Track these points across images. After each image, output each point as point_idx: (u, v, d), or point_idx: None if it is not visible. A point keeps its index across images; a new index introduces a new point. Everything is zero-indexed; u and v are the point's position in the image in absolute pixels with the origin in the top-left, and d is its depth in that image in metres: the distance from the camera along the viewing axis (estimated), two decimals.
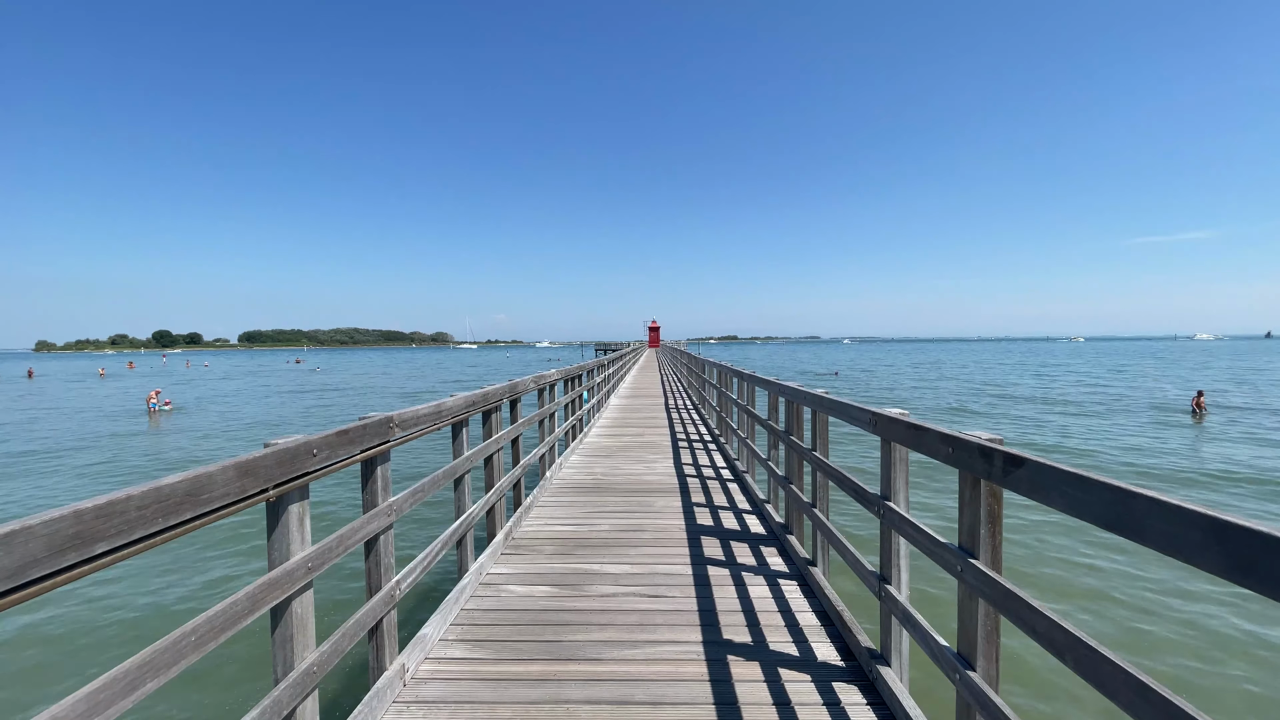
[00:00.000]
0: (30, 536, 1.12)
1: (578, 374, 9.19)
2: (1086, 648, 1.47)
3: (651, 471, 7.41)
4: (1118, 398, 25.53)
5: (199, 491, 1.57)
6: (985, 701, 1.94)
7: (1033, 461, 1.69)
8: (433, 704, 2.64)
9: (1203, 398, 21.04)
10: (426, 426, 3.22)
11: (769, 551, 4.58)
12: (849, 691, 2.72)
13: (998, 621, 2.05)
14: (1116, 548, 7.29)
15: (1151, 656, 5.03)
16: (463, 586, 3.74)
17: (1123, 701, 1.35)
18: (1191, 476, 11.43)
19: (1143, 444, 14.76)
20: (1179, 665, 4.91)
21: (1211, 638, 5.31)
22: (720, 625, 3.37)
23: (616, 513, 5.64)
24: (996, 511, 2.06)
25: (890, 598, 2.74)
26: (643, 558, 4.45)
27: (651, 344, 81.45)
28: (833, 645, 3.15)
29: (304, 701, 2.03)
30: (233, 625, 1.68)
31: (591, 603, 3.68)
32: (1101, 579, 6.57)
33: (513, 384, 5.08)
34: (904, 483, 2.82)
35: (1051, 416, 20.32)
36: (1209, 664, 4.93)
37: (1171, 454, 13.56)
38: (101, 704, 1.25)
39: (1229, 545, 1.10)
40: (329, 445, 2.24)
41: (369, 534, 2.57)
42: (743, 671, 2.89)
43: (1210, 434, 16.26)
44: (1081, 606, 5.97)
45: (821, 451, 3.88)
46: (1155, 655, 5.06)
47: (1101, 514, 1.41)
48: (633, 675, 2.86)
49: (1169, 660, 4.97)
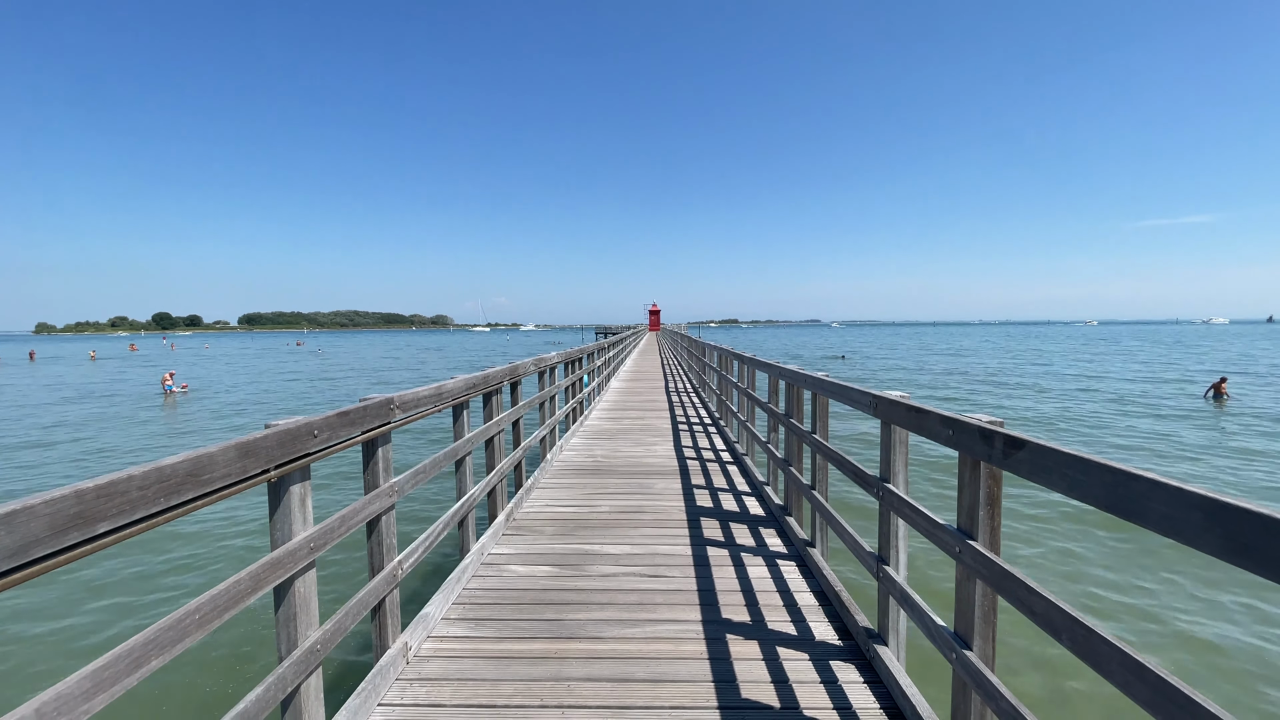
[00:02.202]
0: (32, 516, 1.12)
1: (578, 357, 9.18)
2: (1083, 628, 1.48)
3: (652, 454, 7.44)
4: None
5: (200, 472, 1.57)
6: (982, 680, 1.96)
7: (1033, 444, 1.69)
8: (435, 681, 2.67)
9: (1225, 383, 19.65)
10: (427, 408, 3.22)
11: (768, 533, 4.61)
12: (846, 670, 2.76)
13: (995, 602, 2.07)
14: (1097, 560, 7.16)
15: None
16: (465, 566, 3.77)
17: (1118, 681, 1.36)
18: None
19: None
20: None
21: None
22: (720, 605, 3.40)
23: (617, 494, 5.67)
24: (996, 494, 2.07)
25: (888, 578, 2.76)
26: (643, 538, 4.48)
27: (652, 327, 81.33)
28: (830, 625, 3.18)
29: (308, 679, 2.06)
30: (235, 604, 1.69)
31: (592, 582, 3.72)
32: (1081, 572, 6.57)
33: (513, 366, 5.07)
34: (903, 465, 2.83)
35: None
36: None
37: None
38: (106, 681, 1.26)
39: (1227, 526, 1.10)
40: (330, 426, 2.24)
41: (371, 514, 2.58)
42: (742, 650, 2.92)
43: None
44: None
45: (821, 434, 3.89)
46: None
47: (1101, 496, 1.41)
48: (633, 654, 2.90)
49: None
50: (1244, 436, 13.69)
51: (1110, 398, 20.54)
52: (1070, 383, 25.60)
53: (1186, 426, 15.03)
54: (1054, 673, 4.42)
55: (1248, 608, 5.55)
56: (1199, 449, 12.50)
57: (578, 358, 9.15)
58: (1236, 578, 6.00)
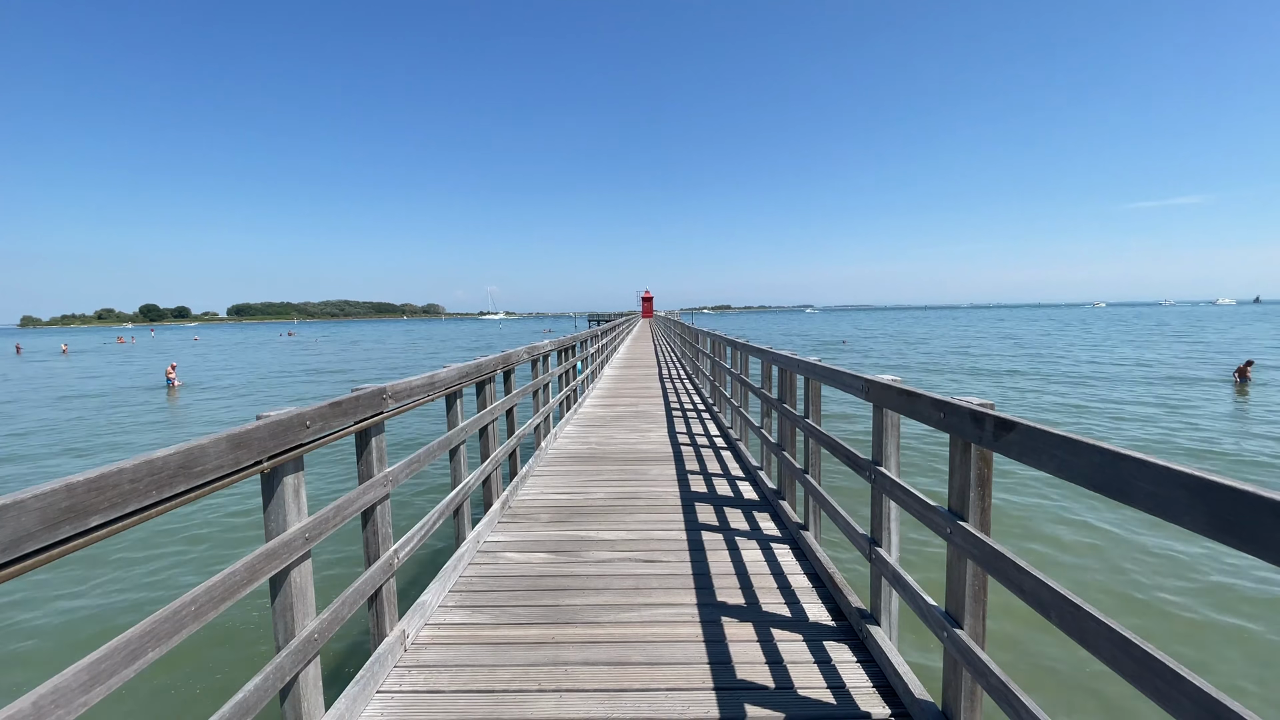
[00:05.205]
0: (23, 510, 1.12)
1: (571, 345, 9.17)
2: (1071, 605, 1.51)
3: (646, 440, 7.46)
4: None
5: (192, 464, 1.56)
6: (972, 658, 2.00)
7: (1023, 425, 1.71)
8: (433, 668, 2.70)
9: (1250, 367, 18.80)
10: (420, 397, 3.21)
11: (762, 517, 4.65)
12: (840, 650, 2.80)
13: (985, 581, 2.10)
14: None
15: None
16: (461, 554, 3.79)
17: (1105, 656, 1.39)
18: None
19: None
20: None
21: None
22: (714, 588, 3.44)
23: (611, 481, 5.70)
24: (986, 475, 2.09)
25: (880, 559, 2.80)
26: (638, 524, 4.51)
27: (645, 314, 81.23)
28: (824, 606, 3.22)
29: (306, 667, 2.07)
30: (231, 595, 1.70)
31: (588, 568, 3.74)
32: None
33: (506, 355, 5.06)
34: (895, 448, 2.85)
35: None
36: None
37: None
38: (104, 673, 1.27)
39: (1212, 504, 1.12)
40: (322, 417, 2.23)
41: (366, 504, 2.59)
42: (736, 632, 2.96)
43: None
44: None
45: (814, 419, 3.91)
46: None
47: (1090, 476, 1.43)
48: (629, 637, 2.93)
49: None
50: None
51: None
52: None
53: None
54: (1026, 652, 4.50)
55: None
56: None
57: (571, 346, 9.14)
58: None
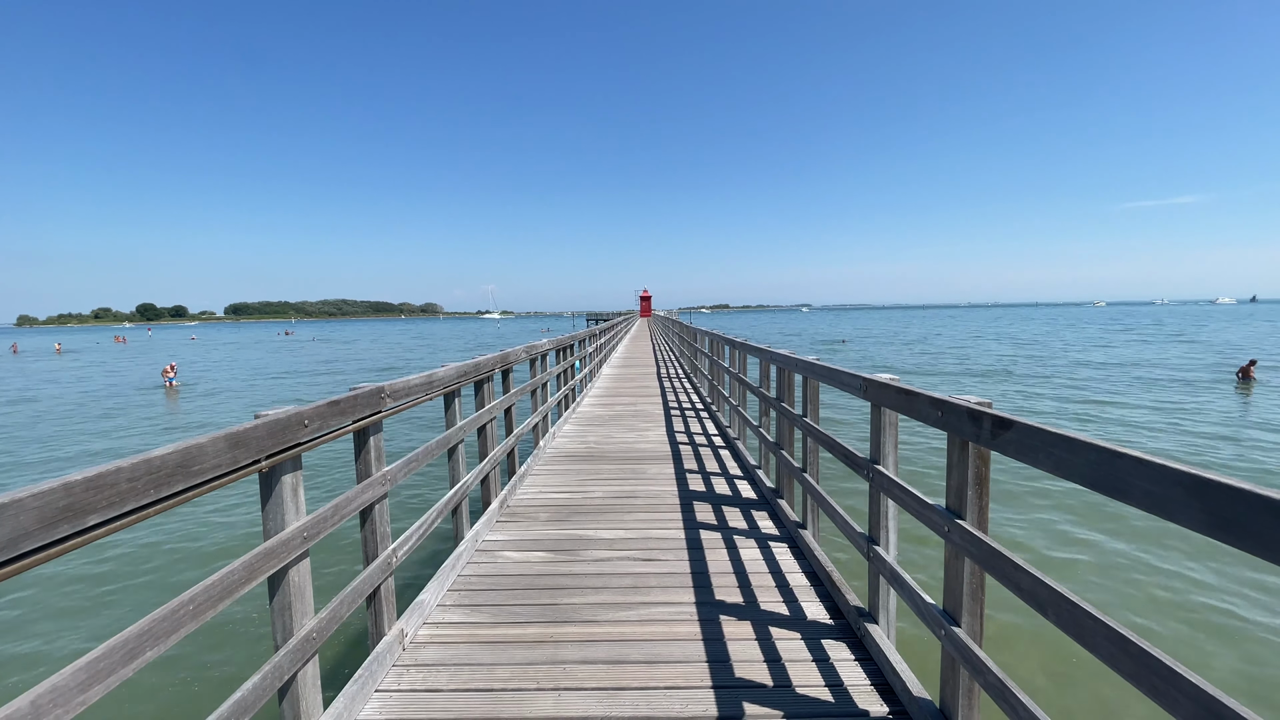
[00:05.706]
0: (21, 509, 1.12)
1: (570, 344, 9.16)
2: (1068, 602, 1.52)
3: (644, 439, 7.46)
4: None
5: (190, 463, 1.56)
6: (970, 656, 2.00)
7: (1021, 424, 1.71)
8: (432, 667, 2.69)
9: (1253, 367, 18.79)
10: (419, 396, 3.21)
11: (760, 515, 4.66)
12: (838, 648, 2.80)
13: (983, 579, 2.10)
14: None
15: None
16: (459, 553, 3.79)
17: (1103, 654, 1.39)
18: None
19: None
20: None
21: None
22: (713, 586, 3.44)
23: (610, 480, 5.70)
24: (984, 474, 2.10)
25: (878, 558, 2.80)
26: (636, 523, 4.51)
27: (643, 313, 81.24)
28: (822, 604, 3.23)
29: (304, 666, 2.07)
30: (229, 594, 1.69)
31: (586, 567, 3.74)
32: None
33: (504, 354, 5.06)
34: (893, 447, 2.85)
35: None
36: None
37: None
38: (102, 672, 1.26)
39: (1208, 502, 1.13)
40: (320, 416, 2.23)
41: (364, 503, 2.58)
42: (735, 630, 2.96)
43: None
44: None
45: (812, 417, 3.92)
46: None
47: (1087, 474, 1.43)
48: (628, 636, 2.93)
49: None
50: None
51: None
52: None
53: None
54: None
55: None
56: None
57: (569, 345, 9.13)
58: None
